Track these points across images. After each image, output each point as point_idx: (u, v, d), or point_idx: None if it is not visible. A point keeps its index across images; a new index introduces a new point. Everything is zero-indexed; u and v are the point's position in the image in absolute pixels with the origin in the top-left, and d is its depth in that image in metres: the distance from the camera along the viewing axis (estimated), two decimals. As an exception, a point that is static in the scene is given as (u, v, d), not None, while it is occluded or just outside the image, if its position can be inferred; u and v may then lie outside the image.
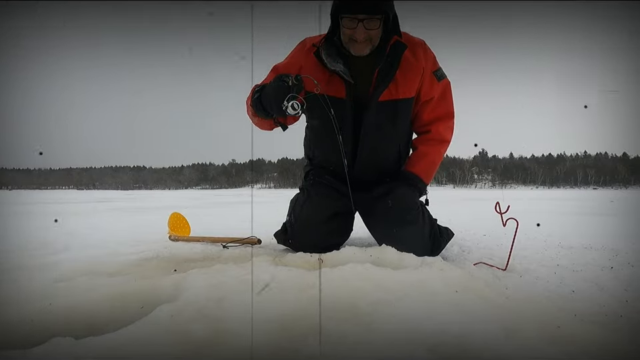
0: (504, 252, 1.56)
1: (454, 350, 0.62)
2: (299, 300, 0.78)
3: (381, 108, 1.43)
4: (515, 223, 1.33)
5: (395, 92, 1.42)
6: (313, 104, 1.37)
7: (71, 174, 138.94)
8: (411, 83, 1.44)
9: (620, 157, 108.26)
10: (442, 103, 1.52)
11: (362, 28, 1.28)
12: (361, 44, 1.33)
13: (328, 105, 1.32)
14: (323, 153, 1.61)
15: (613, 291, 1.05)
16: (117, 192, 33.11)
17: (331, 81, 1.43)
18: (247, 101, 1.46)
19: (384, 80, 1.40)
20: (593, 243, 1.86)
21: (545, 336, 0.70)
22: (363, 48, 1.34)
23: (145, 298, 0.87)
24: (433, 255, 1.39)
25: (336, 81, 1.42)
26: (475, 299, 0.83)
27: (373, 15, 1.27)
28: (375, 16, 1.28)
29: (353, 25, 1.28)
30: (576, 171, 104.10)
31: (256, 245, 1.77)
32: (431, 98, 1.49)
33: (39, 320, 0.76)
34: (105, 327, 0.74)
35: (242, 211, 4.62)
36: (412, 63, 1.42)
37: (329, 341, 0.65)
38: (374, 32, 1.31)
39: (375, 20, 1.28)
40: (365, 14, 1.26)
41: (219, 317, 0.69)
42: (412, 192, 1.50)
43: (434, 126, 1.53)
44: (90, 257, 1.45)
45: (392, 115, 1.46)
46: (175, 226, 2.10)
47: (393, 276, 0.91)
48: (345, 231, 1.63)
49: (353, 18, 1.27)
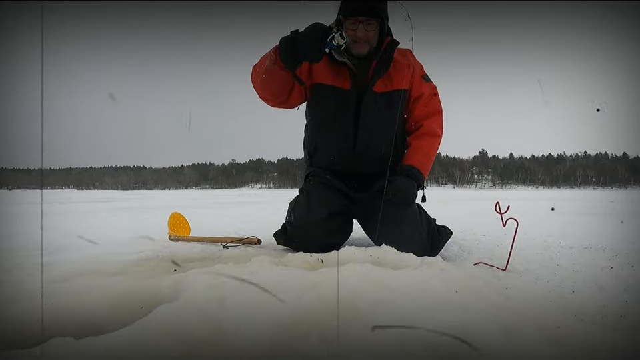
0: (504, 252, 1.56)
1: (454, 350, 0.62)
2: (299, 300, 0.78)
3: (378, 98, 1.56)
4: (514, 222, 1.33)
5: (390, 84, 1.57)
6: (318, 93, 1.57)
7: (71, 174, 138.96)
8: (403, 76, 1.58)
9: (620, 157, 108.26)
10: (432, 101, 1.65)
11: (362, 29, 1.47)
12: (360, 44, 1.50)
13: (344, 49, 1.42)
14: (326, 141, 1.65)
15: (612, 291, 1.05)
16: (117, 192, 33.10)
17: (337, 74, 1.56)
18: (257, 64, 1.47)
19: (379, 72, 1.55)
20: (593, 243, 1.86)
21: (545, 336, 0.70)
22: (363, 47, 1.51)
23: (145, 298, 0.87)
24: (432, 255, 1.40)
25: (342, 74, 1.56)
26: (475, 298, 0.83)
27: (372, 18, 1.46)
28: (373, 19, 1.47)
29: (354, 26, 1.47)
30: (576, 171, 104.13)
31: (256, 244, 1.77)
32: (421, 94, 1.63)
33: (39, 320, 0.76)
34: (105, 327, 0.74)
35: (242, 211, 4.62)
36: (403, 62, 1.60)
37: (329, 341, 0.65)
38: (372, 33, 1.50)
39: (372, 23, 1.48)
40: (364, 16, 1.45)
41: (219, 317, 0.69)
42: (411, 182, 1.52)
43: (426, 121, 1.64)
44: (90, 257, 1.45)
45: (387, 105, 1.57)
46: (174, 226, 2.11)
47: (393, 276, 0.91)
48: (344, 231, 1.63)
49: (355, 20, 1.45)
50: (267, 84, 1.47)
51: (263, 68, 1.42)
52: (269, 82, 1.46)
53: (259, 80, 1.46)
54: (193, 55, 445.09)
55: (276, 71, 1.40)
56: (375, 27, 1.49)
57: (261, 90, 1.51)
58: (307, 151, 1.74)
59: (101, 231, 2.48)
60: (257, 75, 1.47)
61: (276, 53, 1.35)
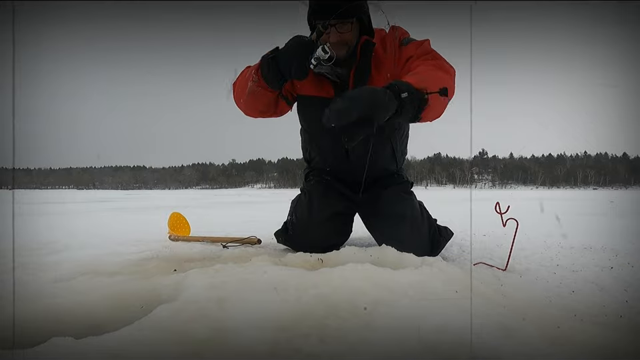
0: (504, 252, 1.56)
1: (454, 350, 0.62)
2: (299, 300, 0.78)
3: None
4: (514, 223, 1.33)
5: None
6: (303, 105, 1.44)
7: (71, 174, 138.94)
8: (387, 75, 1.41)
9: (620, 157, 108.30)
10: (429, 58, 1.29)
11: (335, 32, 1.31)
12: (336, 46, 1.32)
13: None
14: (320, 153, 1.62)
15: (612, 291, 1.05)
16: (117, 192, 33.11)
17: (320, 83, 1.46)
18: (238, 81, 1.40)
19: (360, 80, 1.41)
20: (593, 243, 1.86)
21: (545, 336, 0.70)
22: (339, 50, 1.33)
23: (145, 298, 0.87)
24: (432, 255, 1.39)
25: (324, 82, 1.45)
26: (475, 298, 0.83)
27: (345, 19, 1.30)
28: (347, 20, 1.30)
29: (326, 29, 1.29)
30: (576, 171, 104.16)
31: (256, 244, 1.77)
32: (409, 57, 1.34)
33: (39, 320, 0.76)
34: (105, 327, 0.74)
35: (242, 211, 4.62)
36: (383, 58, 1.42)
37: (329, 341, 0.65)
38: (347, 35, 1.33)
39: (346, 24, 1.31)
40: (335, 19, 1.28)
41: (219, 317, 0.69)
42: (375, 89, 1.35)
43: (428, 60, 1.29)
44: (90, 257, 1.45)
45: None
46: (174, 226, 2.11)
47: (393, 276, 0.91)
48: (345, 231, 1.63)
49: (326, 23, 1.27)
50: (252, 104, 1.41)
51: (245, 89, 1.35)
52: (253, 102, 1.40)
53: (243, 100, 1.40)
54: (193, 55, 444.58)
55: (260, 92, 1.34)
56: (350, 28, 1.32)
57: (246, 109, 1.45)
58: (304, 156, 1.73)
59: (100, 230, 2.48)
60: (239, 95, 1.41)
61: (258, 73, 1.29)
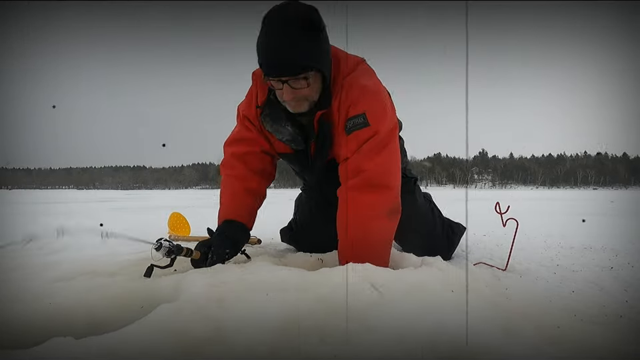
0: (504, 252, 1.56)
1: (454, 350, 0.62)
2: (299, 300, 0.78)
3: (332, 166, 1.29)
4: (514, 223, 1.33)
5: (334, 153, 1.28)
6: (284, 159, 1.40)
7: (70, 174, 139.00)
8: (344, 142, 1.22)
9: (620, 157, 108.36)
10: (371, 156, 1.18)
11: (288, 88, 1.11)
12: (294, 103, 1.16)
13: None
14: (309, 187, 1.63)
15: (613, 291, 1.05)
16: (117, 192, 33.11)
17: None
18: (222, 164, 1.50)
19: (321, 153, 1.27)
20: (593, 243, 1.86)
21: (545, 336, 0.70)
22: (299, 106, 1.17)
23: (145, 298, 0.87)
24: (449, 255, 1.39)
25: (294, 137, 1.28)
26: (475, 298, 0.83)
27: (296, 77, 1.09)
28: (299, 76, 1.09)
29: (279, 85, 1.12)
30: (576, 171, 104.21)
31: (256, 244, 1.77)
32: (353, 150, 1.19)
33: (39, 320, 0.76)
34: (105, 327, 0.74)
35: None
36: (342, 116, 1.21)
37: (329, 341, 0.65)
38: (304, 91, 1.13)
39: (300, 80, 1.10)
40: (284, 76, 1.08)
41: (219, 317, 0.69)
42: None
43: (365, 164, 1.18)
44: (90, 257, 1.45)
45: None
46: (174, 226, 2.11)
47: (393, 276, 0.91)
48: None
49: (277, 80, 1.10)
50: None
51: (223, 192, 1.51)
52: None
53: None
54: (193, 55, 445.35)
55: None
56: (305, 84, 1.11)
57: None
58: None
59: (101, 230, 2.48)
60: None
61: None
